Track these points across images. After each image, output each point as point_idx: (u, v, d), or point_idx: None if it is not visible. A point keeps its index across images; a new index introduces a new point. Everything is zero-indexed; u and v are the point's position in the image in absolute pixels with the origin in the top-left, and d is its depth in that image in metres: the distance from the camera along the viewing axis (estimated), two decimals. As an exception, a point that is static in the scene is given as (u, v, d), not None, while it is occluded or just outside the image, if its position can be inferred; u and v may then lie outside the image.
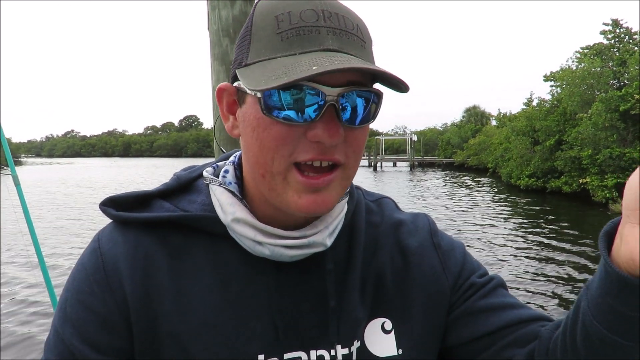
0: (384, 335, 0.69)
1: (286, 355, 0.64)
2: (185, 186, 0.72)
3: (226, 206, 0.65)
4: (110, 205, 0.68)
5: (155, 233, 0.66)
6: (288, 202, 0.59)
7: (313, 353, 0.65)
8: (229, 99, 0.65)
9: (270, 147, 0.58)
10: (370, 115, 0.60)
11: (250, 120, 0.59)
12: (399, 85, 0.58)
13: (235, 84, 0.62)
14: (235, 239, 0.65)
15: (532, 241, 12.16)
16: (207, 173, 0.71)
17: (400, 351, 0.69)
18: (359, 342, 0.68)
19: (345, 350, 0.66)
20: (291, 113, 0.56)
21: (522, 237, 12.78)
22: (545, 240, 12.22)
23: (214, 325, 0.63)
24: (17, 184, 3.24)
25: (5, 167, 3.29)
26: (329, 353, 0.65)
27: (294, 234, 0.64)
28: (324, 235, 0.65)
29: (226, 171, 0.70)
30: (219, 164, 0.74)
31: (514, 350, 0.68)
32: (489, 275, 0.76)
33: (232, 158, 0.74)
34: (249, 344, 0.63)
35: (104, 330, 0.62)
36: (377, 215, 0.77)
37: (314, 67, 0.51)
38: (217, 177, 0.71)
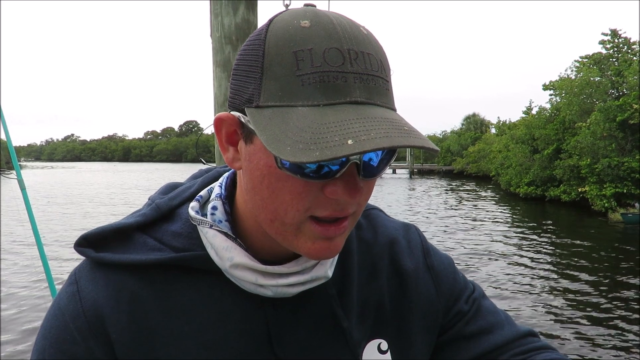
0: (380, 355, 0.68)
1: None
2: (166, 215, 0.67)
3: (222, 251, 0.60)
4: (86, 244, 0.62)
5: (140, 272, 0.61)
6: (299, 247, 0.57)
7: None
8: (229, 129, 0.57)
9: (284, 200, 0.53)
10: (389, 163, 0.57)
11: (260, 167, 0.53)
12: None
13: (240, 117, 0.54)
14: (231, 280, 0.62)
15: (531, 250, 12.16)
16: (193, 211, 0.64)
17: None
18: None
19: None
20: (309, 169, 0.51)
21: (520, 245, 12.77)
22: (544, 250, 12.22)
23: None
24: (22, 187, 3.13)
25: (11, 171, 3.22)
26: None
27: (295, 268, 0.61)
28: (326, 267, 0.63)
29: (214, 207, 0.64)
30: (201, 194, 0.68)
31: None
32: (473, 295, 0.77)
33: (217, 189, 0.67)
34: None
35: None
36: (368, 231, 0.75)
37: (349, 142, 0.45)
38: (203, 208, 0.66)
